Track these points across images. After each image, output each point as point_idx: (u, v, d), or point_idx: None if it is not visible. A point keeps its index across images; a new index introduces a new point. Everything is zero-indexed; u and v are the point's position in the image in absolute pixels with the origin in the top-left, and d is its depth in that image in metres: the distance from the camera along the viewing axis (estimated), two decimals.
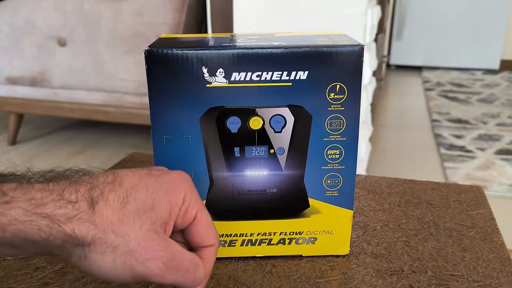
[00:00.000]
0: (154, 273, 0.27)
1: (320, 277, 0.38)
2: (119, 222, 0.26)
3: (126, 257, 0.26)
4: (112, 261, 0.26)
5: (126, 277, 0.27)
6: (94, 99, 1.79)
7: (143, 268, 0.27)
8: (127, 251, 0.26)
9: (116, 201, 0.27)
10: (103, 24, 1.69)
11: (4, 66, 1.86)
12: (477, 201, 0.51)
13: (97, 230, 0.26)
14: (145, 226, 0.27)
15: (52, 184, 0.26)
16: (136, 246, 0.26)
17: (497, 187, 1.65)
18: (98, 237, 0.26)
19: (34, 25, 1.77)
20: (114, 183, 0.27)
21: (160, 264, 0.27)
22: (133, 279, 0.27)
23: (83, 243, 0.26)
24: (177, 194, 0.29)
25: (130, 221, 0.27)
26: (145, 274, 0.27)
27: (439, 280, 0.38)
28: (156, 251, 0.27)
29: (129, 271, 0.27)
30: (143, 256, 0.27)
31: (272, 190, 0.38)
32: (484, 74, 3.45)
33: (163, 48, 0.34)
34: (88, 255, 0.26)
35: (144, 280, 0.27)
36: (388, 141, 2.16)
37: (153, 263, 0.27)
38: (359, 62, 0.35)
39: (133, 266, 0.26)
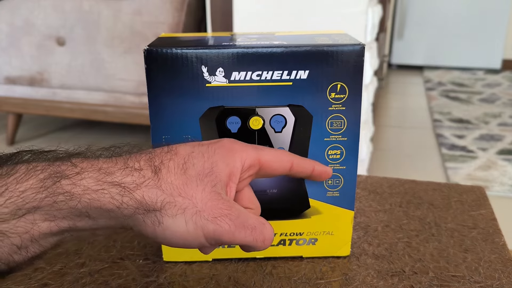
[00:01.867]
0: (225, 230, 0.27)
1: (321, 278, 0.38)
2: (184, 185, 0.27)
3: (196, 218, 0.27)
4: (185, 224, 0.27)
5: (199, 239, 0.27)
6: (94, 99, 1.79)
7: (213, 226, 0.27)
8: (196, 211, 0.27)
9: (176, 167, 0.28)
10: (102, 24, 1.69)
11: (3, 65, 1.86)
12: (478, 202, 0.51)
13: (165, 195, 0.27)
14: (208, 188, 0.28)
15: (115, 157, 0.28)
16: (203, 206, 0.27)
17: (499, 187, 1.65)
18: (167, 202, 0.27)
19: (33, 24, 1.77)
20: (171, 152, 0.29)
21: (229, 222, 0.28)
22: (206, 240, 0.28)
23: (155, 208, 0.27)
24: (233, 157, 0.30)
25: (193, 184, 0.28)
26: (216, 232, 0.27)
27: (440, 281, 0.37)
28: (222, 209, 0.28)
29: (201, 232, 0.27)
30: (211, 215, 0.27)
31: (272, 191, 0.38)
32: (486, 74, 3.44)
33: (162, 48, 0.34)
34: (161, 220, 0.27)
35: (216, 241, 0.28)
36: (389, 141, 2.16)
37: (222, 220, 0.28)
38: (360, 62, 0.35)
39: (204, 226, 0.27)
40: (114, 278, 0.38)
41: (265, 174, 0.32)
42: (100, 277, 0.38)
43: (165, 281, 0.37)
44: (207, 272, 0.39)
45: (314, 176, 0.34)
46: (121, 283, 0.37)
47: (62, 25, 1.74)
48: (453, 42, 3.53)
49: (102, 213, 0.26)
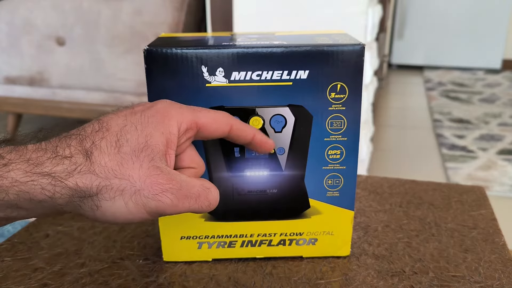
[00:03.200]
0: (167, 205, 0.27)
1: (321, 278, 0.38)
2: (119, 166, 0.26)
3: (136, 197, 0.26)
4: (124, 205, 0.26)
5: (142, 216, 0.27)
6: (93, 98, 1.79)
7: (155, 203, 0.27)
8: (135, 191, 0.26)
9: (109, 147, 0.27)
10: (102, 24, 1.69)
11: (3, 65, 1.86)
12: (478, 202, 0.51)
13: (100, 178, 0.26)
14: (145, 164, 0.27)
15: (45, 143, 0.26)
16: (142, 185, 0.27)
17: (499, 187, 1.65)
18: (103, 185, 0.26)
19: (33, 24, 1.77)
20: (102, 130, 0.27)
21: (171, 196, 0.27)
22: (150, 215, 0.27)
23: (90, 193, 0.26)
24: (167, 123, 0.29)
25: (129, 163, 0.27)
26: (158, 208, 0.27)
27: (440, 281, 0.37)
28: (162, 185, 0.27)
29: (143, 209, 0.27)
30: (151, 192, 0.27)
31: (272, 191, 0.38)
32: (486, 74, 3.44)
33: (162, 48, 0.34)
34: (99, 204, 0.26)
35: (160, 214, 0.28)
36: (389, 141, 2.16)
37: (163, 196, 0.27)
38: (360, 62, 0.35)
39: (145, 204, 0.27)
40: (114, 278, 0.38)
41: (203, 136, 0.32)
42: (100, 277, 0.38)
43: (165, 281, 0.37)
44: (207, 272, 0.39)
45: (254, 144, 0.34)
46: (121, 283, 0.37)
47: (62, 25, 1.74)
48: (453, 42, 3.53)
49: (34, 204, 0.25)
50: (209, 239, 0.39)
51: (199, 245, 0.40)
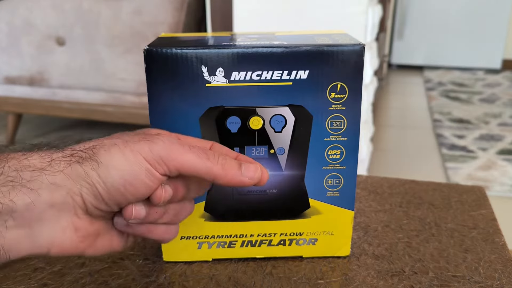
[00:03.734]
0: (160, 146, 0.27)
1: (321, 278, 0.38)
2: (106, 137, 0.28)
3: (129, 145, 0.27)
4: (122, 154, 0.26)
5: (142, 164, 0.26)
6: (93, 98, 1.79)
7: (148, 144, 0.27)
8: (125, 141, 0.27)
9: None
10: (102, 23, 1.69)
11: (3, 65, 1.86)
12: (478, 202, 0.51)
13: (92, 143, 0.27)
14: (129, 133, 0.29)
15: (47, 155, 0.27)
16: (129, 137, 0.27)
17: (499, 187, 1.65)
18: (97, 145, 0.27)
19: (33, 24, 1.77)
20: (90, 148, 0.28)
21: (162, 138, 0.28)
22: (150, 163, 0.27)
23: (86, 153, 0.26)
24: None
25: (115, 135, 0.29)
26: (153, 149, 0.27)
27: (440, 281, 0.37)
28: (150, 133, 0.28)
29: (140, 156, 0.26)
30: (140, 138, 0.27)
31: (272, 191, 0.38)
32: (486, 74, 3.44)
33: (162, 48, 0.34)
34: (99, 159, 0.26)
35: (158, 160, 0.27)
36: (389, 141, 2.16)
37: (154, 138, 0.27)
38: (360, 62, 0.35)
39: (139, 149, 0.27)
40: (114, 278, 0.38)
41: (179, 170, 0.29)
42: (100, 277, 0.38)
43: (165, 281, 0.37)
44: (207, 272, 0.39)
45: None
46: (121, 283, 0.37)
47: (61, 25, 1.74)
48: (453, 42, 3.53)
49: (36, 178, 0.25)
50: (209, 239, 0.39)
51: (199, 245, 0.40)
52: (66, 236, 0.26)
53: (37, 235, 0.25)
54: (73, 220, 0.26)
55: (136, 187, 0.26)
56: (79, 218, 0.26)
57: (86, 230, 0.27)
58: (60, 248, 0.26)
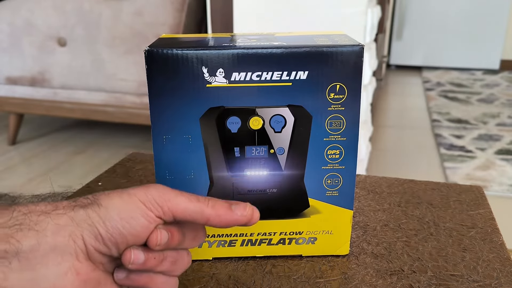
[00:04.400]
0: (155, 190, 0.29)
1: (320, 277, 0.38)
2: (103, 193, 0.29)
3: (128, 191, 0.28)
4: (120, 198, 0.28)
5: (138, 205, 0.28)
6: (94, 99, 1.79)
7: (143, 190, 0.29)
8: (125, 188, 0.29)
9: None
10: (103, 24, 1.69)
11: (4, 66, 1.86)
12: (477, 201, 0.51)
13: (97, 194, 0.28)
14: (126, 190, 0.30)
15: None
16: (127, 188, 0.29)
17: (497, 187, 1.65)
18: (97, 195, 0.28)
19: (34, 25, 1.77)
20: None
21: (156, 186, 0.29)
22: (145, 205, 0.28)
23: (88, 200, 0.28)
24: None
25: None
26: (148, 192, 0.28)
27: (439, 280, 0.38)
28: (148, 185, 0.29)
29: (136, 198, 0.28)
30: (140, 189, 0.29)
31: (272, 190, 0.38)
32: (484, 74, 3.45)
33: (163, 48, 0.34)
34: (99, 203, 0.28)
35: (153, 203, 0.28)
36: (388, 141, 2.16)
37: (150, 186, 0.29)
38: (359, 62, 0.35)
39: (135, 192, 0.28)
40: None
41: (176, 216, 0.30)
42: None
43: None
44: (207, 270, 0.39)
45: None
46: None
47: (63, 25, 1.74)
48: (451, 42, 3.53)
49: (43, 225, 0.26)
50: (209, 238, 0.40)
51: (199, 244, 0.40)
52: (68, 280, 0.27)
53: (40, 278, 0.26)
54: (75, 264, 0.27)
55: (133, 225, 0.28)
56: (80, 263, 0.27)
57: (88, 275, 0.28)
58: None
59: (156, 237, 0.28)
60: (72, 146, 2.06)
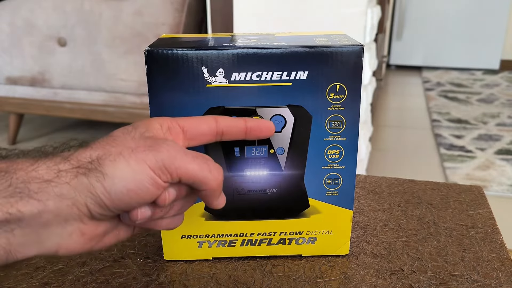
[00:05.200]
0: (165, 154, 0.27)
1: (320, 277, 0.38)
2: (113, 140, 0.28)
3: (135, 154, 0.27)
4: (127, 164, 0.27)
5: (147, 172, 0.27)
6: (94, 99, 1.79)
7: (153, 153, 0.27)
8: (132, 150, 0.27)
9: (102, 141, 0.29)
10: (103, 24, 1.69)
11: (4, 66, 1.86)
12: (477, 201, 0.51)
13: (98, 150, 0.27)
14: (137, 135, 0.29)
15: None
16: (136, 144, 0.28)
17: (497, 187, 1.65)
18: (103, 154, 0.27)
19: (34, 25, 1.77)
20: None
21: (166, 147, 0.28)
22: (154, 172, 0.27)
23: (92, 164, 0.26)
24: (149, 122, 0.31)
25: (121, 137, 0.29)
26: (157, 157, 0.27)
27: (439, 280, 0.38)
28: (156, 141, 0.28)
29: (144, 164, 0.27)
30: (147, 147, 0.28)
31: (272, 190, 0.38)
32: (484, 74, 3.45)
33: (163, 48, 0.34)
34: (104, 171, 0.26)
35: (162, 168, 0.27)
36: (388, 141, 2.16)
37: (160, 146, 0.28)
38: (359, 62, 0.35)
39: (144, 157, 0.27)
40: (115, 277, 0.38)
41: (193, 137, 0.32)
42: (101, 276, 0.38)
43: (166, 280, 0.38)
44: (207, 270, 0.39)
45: (252, 131, 0.33)
46: (122, 282, 0.37)
47: (63, 25, 1.74)
48: (451, 42, 3.53)
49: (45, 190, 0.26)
50: (209, 238, 0.40)
51: (200, 244, 0.40)
52: (73, 240, 0.27)
53: (44, 240, 0.26)
54: (79, 226, 0.27)
55: (140, 195, 0.27)
56: (85, 224, 0.27)
57: (93, 233, 0.28)
58: (67, 250, 0.27)
59: (164, 197, 0.28)
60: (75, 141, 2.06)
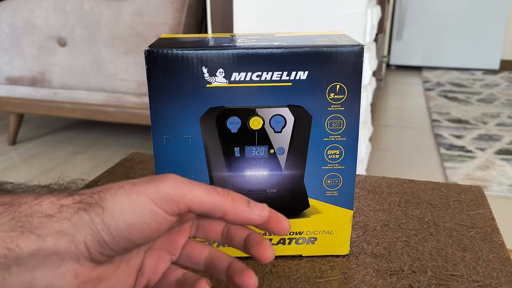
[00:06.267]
0: (168, 185, 0.26)
1: (320, 277, 0.38)
2: (110, 185, 0.27)
3: (135, 188, 0.26)
4: (127, 197, 0.25)
5: (148, 206, 0.25)
6: (94, 99, 1.79)
7: (154, 185, 0.26)
8: (133, 184, 0.26)
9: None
10: (103, 24, 1.69)
11: (4, 66, 1.86)
12: (477, 201, 0.51)
13: (99, 188, 0.26)
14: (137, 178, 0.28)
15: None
16: (137, 181, 0.26)
17: (497, 187, 1.65)
18: (103, 189, 0.26)
19: (34, 25, 1.78)
20: None
21: (169, 177, 0.26)
22: (156, 205, 0.26)
23: (92, 199, 0.25)
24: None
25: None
26: (160, 188, 0.26)
27: (439, 280, 0.38)
28: (158, 176, 0.27)
29: (146, 198, 0.25)
30: (148, 181, 0.26)
31: (272, 190, 0.38)
32: (484, 74, 3.45)
33: (163, 48, 0.34)
34: (103, 205, 0.25)
35: (165, 201, 0.26)
36: (388, 141, 2.16)
37: (161, 179, 0.26)
38: (359, 62, 0.35)
39: (145, 190, 0.26)
40: None
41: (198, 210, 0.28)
42: None
43: None
44: None
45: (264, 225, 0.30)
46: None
47: (63, 25, 1.74)
48: (451, 42, 3.54)
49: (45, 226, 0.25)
50: None
51: None
52: (65, 282, 0.26)
53: (38, 280, 0.25)
54: (74, 267, 0.26)
55: (140, 230, 0.26)
56: (80, 265, 0.26)
57: (87, 276, 0.27)
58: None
59: None
60: (72, 146, 2.06)
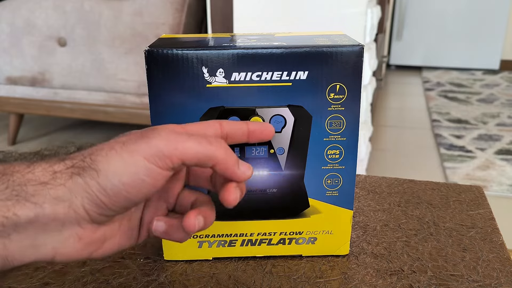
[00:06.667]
0: (158, 139, 0.26)
1: (320, 277, 0.38)
2: (103, 144, 0.27)
3: (126, 146, 0.26)
4: (119, 156, 0.25)
5: (141, 163, 0.25)
6: (94, 99, 1.79)
7: (145, 141, 0.26)
8: (123, 143, 0.26)
9: None
10: (103, 24, 1.69)
11: (4, 66, 1.86)
12: (477, 201, 0.51)
13: (90, 150, 0.26)
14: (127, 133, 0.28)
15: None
16: (127, 138, 0.26)
17: (497, 187, 1.65)
18: (94, 151, 0.26)
19: (34, 25, 1.78)
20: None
21: (159, 131, 0.26)
22: (148, 161, 0.26)
23: (85, 162, 0.25)
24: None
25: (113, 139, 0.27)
26: (150, 143, 0.26)
27: (439, 280, 0.38)
28: (147, 130, 0.27)
29: (138, 155, 0.25)
30: (138, 137, 0.26)
31: (272, 190, 0.39)
32: (484, 74, 3.45)
33: (163, 48, 0.34)
34: (96, 167, 0.25)
35: (157, 155, 0.26)
36: (388, 141, 2.16)
37: (151, 133, 0.26)
38: (359, 62, 0.35)
39: (136, 148, 0.26)
40: (115, 277, 0.38)
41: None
42: (101, 276, 0.38)
43: (166, 280, 0.38)
44: (207, 270, 0.39)
45: (253, 134, 0.31)
46: (122, 282, 0.37)
47: (63, 25, 1.74)
48: (451, 42, 3.53)
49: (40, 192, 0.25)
50: (209, 238, 0.40)
51: (200, 244, 0.40)
52: (69, 245, 0.26)
53: (41, 245, 0.25)
54: (76, 230, 0.26)
55: (137, 188, 0.26)
56: (82, 228, 0.26)
57: (90, 238, 0.27)
58: (64, 255, 0.26)
59: (193, 225, 0.28)
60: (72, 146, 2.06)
